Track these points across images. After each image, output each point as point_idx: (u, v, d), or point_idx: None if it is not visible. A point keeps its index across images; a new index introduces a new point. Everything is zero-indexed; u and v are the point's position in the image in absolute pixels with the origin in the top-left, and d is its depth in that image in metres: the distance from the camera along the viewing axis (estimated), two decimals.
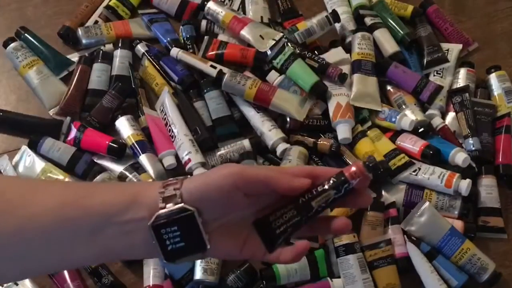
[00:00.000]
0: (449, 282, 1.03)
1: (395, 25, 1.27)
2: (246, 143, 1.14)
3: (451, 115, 1.20)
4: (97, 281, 1.03)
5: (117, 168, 1.13)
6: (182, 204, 0.59)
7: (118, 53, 1.24)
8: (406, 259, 1.04)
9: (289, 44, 1.18)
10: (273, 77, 1.18)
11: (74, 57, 1.26)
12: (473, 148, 1.13)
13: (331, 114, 1.14)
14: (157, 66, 1.22)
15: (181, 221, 0.59)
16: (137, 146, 1.13)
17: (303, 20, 1.26)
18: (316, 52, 1.22)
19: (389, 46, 1.24)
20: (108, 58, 1.24)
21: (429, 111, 1.18)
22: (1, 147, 1.18)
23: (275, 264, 1.01)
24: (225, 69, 1.18)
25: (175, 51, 1.21)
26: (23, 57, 1.23)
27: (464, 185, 1.06)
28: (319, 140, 1.13)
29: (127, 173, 1.12)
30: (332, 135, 1.14)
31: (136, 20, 1.32)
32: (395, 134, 1.15)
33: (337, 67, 1.17)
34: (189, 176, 0.64)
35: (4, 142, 1.19)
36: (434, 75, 1.24)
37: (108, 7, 1.31)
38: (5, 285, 1.03)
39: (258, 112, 1.16)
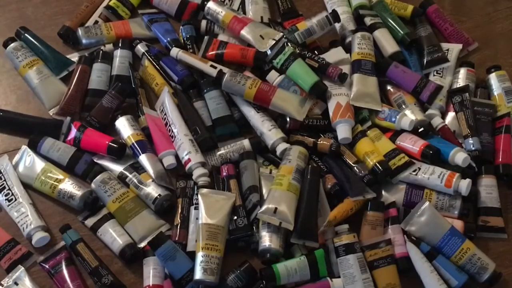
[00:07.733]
0: (449, 282, 1.03)
1: (395, 25, 1.27)
2: (246, 143, 1.14)
3: (451, 115, 1.20)
4: (97, 281, 1.03)
5: (117, 168, 1.13)
6: None
7: (118, 53, 1.24)
8: (406, 259, 1.04)
9: (289, 44, 1.18)
10: (273, 77, 1.18)
11: (74, 57, 1.26)
12: (473, 148, 1.13)
13: (331, 114, 1.14)
14: (157, 66, 1.23)
15: None
16: (137, 146, 1.13)
17: (303, 20, 1.26)
18: (316, 52, 1.22)
19: (389, 46, 1.24)
20: (108, 58, 1.24)
21: (429, 111, 1.18)
22: (1, 147, 1.18)
23: (275, 263, 1.01)
24: (225, 69, 1.18)
25: (175, 51, 1.21)
26: (23, 57, 1.23)
27: (464, 185, 1.06)
28: (319, 140, 1.13)
29: (127, 173, 1.12)
30: (332, 135, 1.14)
31: (136, 20, 1.32)
32: (395, 134, 1.15)
33: (337, 67, 1.16)
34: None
35: (4, 142, 1.19)
36: (434, 75, 1.24)
37: (108, 7, 1.31)
38: (5, 284, 1.03)
39: (258, 112, 1.16)
